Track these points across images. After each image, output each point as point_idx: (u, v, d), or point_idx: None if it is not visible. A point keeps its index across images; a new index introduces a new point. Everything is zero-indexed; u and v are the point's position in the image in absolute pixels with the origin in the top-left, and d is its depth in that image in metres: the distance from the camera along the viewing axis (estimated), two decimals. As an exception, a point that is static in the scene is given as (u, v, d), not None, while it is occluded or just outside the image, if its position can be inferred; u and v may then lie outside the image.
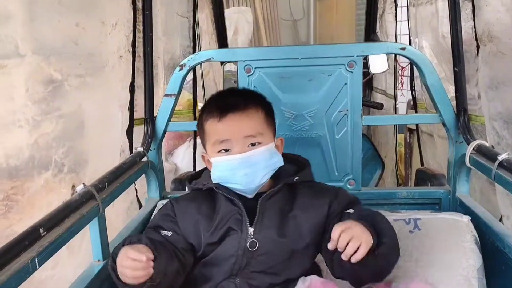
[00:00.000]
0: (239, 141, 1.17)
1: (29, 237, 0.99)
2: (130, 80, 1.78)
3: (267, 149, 1.19)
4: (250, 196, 1.22)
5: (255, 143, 1.18)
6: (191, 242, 1.23)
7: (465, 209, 1.60)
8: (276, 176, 1.25)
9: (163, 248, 1.15)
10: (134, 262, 1.02)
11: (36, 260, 0.98)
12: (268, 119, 1.25)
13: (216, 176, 1.22)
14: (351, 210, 1.20)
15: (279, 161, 1.22)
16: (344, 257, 1.00)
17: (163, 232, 1.24)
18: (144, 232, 1.31)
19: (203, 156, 1.30)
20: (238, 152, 1.17)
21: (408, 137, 3.57)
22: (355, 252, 1.00)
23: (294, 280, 1.18)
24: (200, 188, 1.29)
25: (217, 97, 1.35)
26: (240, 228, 1.18)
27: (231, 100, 1.23)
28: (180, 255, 1.21)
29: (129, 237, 1.17)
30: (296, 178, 1.25)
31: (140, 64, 1.83)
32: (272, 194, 1.21)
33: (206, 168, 1.34)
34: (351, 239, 1.00)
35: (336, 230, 1.02)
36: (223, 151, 1.19)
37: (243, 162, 1.16)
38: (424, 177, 2.15)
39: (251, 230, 1.17)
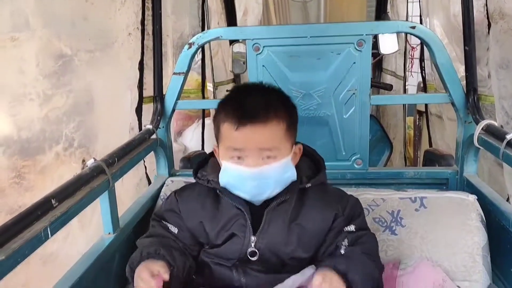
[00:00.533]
0: (254, 153, 1.11)
1: (42, 208, 1.02)
2: (139, 58, 1.78)
3: (281, 165, 1.14)
4: (257, 204, 1.18)
5: (270, 156, 1.12)
6: (200, 240, 1.24)
7: (472, 189, 1.61)
8: None
9: (176, 252, 1.18)
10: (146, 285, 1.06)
11: (49, 230, 1.01)
12: (289, 130, 1.16)
13: (225, 180, 1.18)
14: (351, 227, 1.19)
15: (292, 176, 1.17)
16: None
17: (170, 227, 1.25)
18: (152, 220, 1.32)
19: (214, 150, 1.25)
20: (250, 164, 1.11)
21: (417, 119, 3.54)
22: None
23: (293, 273, 1.19)
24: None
25: (238, 96, 1.23)
26: (243, 234, 1.17)
27: (252, 107, 1.13)
28: (189, 250, 1.23)
29: (147, 248, 1.16)
30: (308, 185, 1.21)
31: (149, 42, 1.83)
32: (280, 202, 1.18)
33: (212, 155, 1.30)
34: None
35: (317, 280, 1.04)
36: (235, 158, 1.14)
37: (254, 175, 1.12)
38: (432, 157, 2.15)
39: (253, 238, 1.16)
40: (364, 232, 1.20)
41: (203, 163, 1.31)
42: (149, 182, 1.99)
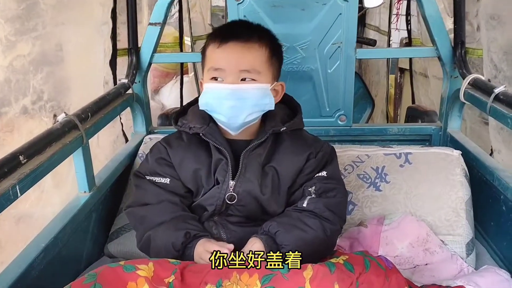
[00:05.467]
0: (233, 73, 1.11)
1: (8, 164, 0.95)
2: (111, 5, 1.65)
3: (260, 88, 1.13)
4: (233, 133, 1.17)
5: (248, 79, 1.12)
6: (190, 188, 1.20)
7: (455, 145, 1.60)
8: (264, 119, 1.20)
9: (191, 218, 1.16)
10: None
11: (17, 188, 0.94)
12: (272, 60, 1.17)
13: (204, 102, 1.16)
14: (323, 173, 1.19)
15: (270, 104, 1.16)
16: None
17: (160, 180, 1.20)
18: (135, 178, 1.24)
19: (201, 83, 1.23)
20: (229, 83, 1.11)
21: (399, 77, 3.51)
22: None
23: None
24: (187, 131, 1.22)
25: (227, 24, 1.31)
26: (223, 179, 1.16)
27: (237, 30, 1.18)
28: (183, 200, 1.19)
29: (171, 234, 1.10)
30: (283, 128, 1.19)
31: (121, -12, 1.70)
32: (256, 146, 1.17)
33: (191, 104, 1.27)
34: None
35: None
36: (216, 79, 1.14)
37: (232, 94, 1.11)
38: (415, 114, 2.13)
39: (232, 183, 1.15)
40: (335, 185, 1.19)
41: (182, 112, 1.27)
42: (126, 140, 1.92)
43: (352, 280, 0.88)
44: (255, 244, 1.08)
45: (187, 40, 3.15)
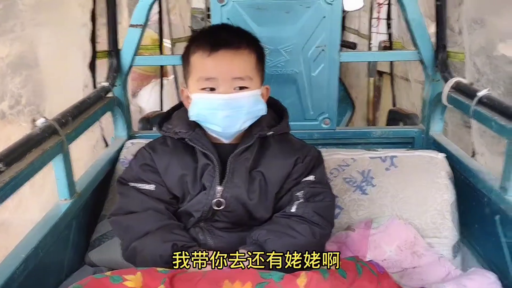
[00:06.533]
0: (226, 82, 1.08)
1: (-14, 172, 0.90)
2: (90, 6, 1.61)
3: (253, 95, 1.12)
4: (226, 141, 1.16)
5: (242, 87, 1.10)
6: (176, 194, 1.18)
7: (438, 147, 1.61)
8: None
9: (176, 228, 1.13)
10: None
11: (-4, 197, 0.89)
12: (259, 65, 1.16)
13: (195, 113, 1.13)
14: (310, 177, 1.18)
15: (263, 110, 1.15)
16: None
17: (144, 187, 1.17)
18: (119, 185, 1.20)
19: (182, 91, 1.20)
20: (223, 93, 1.08)
21: (377, 80, 3.54)
22: None
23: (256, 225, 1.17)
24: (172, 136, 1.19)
25: (209, 30, 1.25)
26: (210, 184, 1.14)
27: (225, 36, 1.14)
28: (169, 207, 1.16)
29: (156, 246, 1.07)
30: (270, 132, 1.18)
31: (101, -12, 1.66)
32: (243, 150, 1.15)
33: (176, 109, 1.25)
34: None
35: None
36: (208, 89, 1.10)
37: (226, 104, 1.08)
38: (397, 117, 2.15)
39: (219, 188, 1.13)
40: (322, 189, 1.18)
41: (166, 117, 1.24)
42: (106, 145, 1.87)
43: (346, 286, 0.87)
44: None
45: (166, 43, 3.11)
